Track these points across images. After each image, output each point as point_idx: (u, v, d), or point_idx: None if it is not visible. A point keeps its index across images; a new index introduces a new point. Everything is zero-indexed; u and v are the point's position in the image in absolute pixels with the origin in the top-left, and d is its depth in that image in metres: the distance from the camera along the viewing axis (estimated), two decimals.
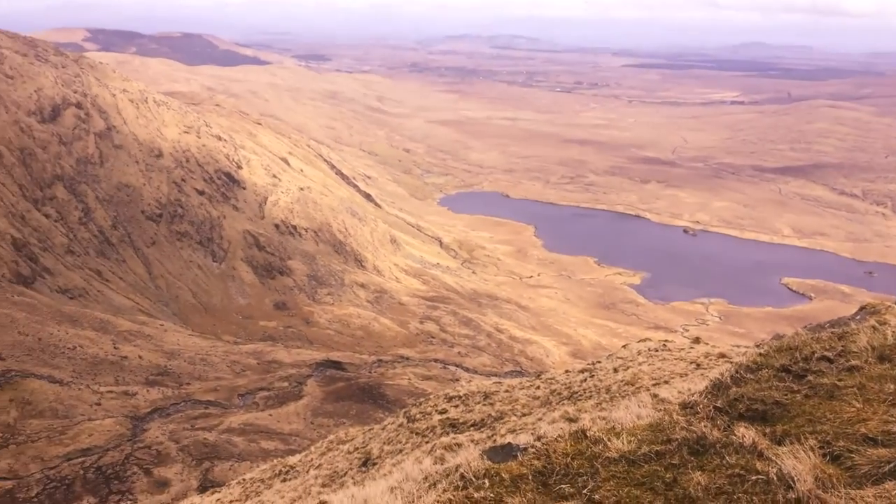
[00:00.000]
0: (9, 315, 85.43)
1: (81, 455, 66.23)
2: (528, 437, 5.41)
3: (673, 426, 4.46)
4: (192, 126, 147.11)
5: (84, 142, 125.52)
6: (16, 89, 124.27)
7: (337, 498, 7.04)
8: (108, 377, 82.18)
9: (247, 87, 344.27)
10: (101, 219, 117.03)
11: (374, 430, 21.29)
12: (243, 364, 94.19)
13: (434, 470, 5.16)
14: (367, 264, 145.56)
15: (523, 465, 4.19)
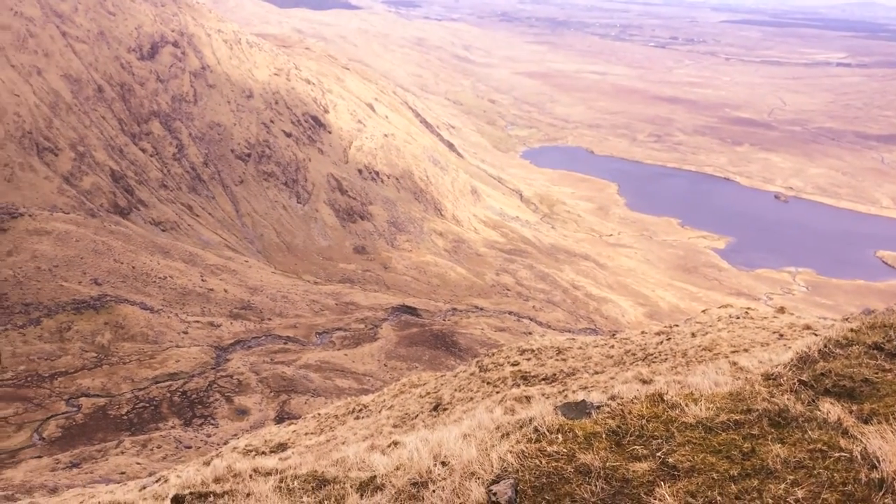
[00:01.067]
0: (106, 243, 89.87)
1: (168, 379, 69.91)
2: (601, 396, 5.40)
3: (754, 396, 4.37)
4: (282, 68, 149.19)
5: (180, 80, 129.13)
6: (117, 26, 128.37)
7: (409, 439, 7.21)
8: (195, 307, 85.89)
9: (336, 32, 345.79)
10: (193, 155, 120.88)
11: (446, 376, 21.65)
12: (322, 304, 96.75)
13: (506, 420, 5.23)
14: (447, 213, 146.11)
15: (597, 423, 4.20)
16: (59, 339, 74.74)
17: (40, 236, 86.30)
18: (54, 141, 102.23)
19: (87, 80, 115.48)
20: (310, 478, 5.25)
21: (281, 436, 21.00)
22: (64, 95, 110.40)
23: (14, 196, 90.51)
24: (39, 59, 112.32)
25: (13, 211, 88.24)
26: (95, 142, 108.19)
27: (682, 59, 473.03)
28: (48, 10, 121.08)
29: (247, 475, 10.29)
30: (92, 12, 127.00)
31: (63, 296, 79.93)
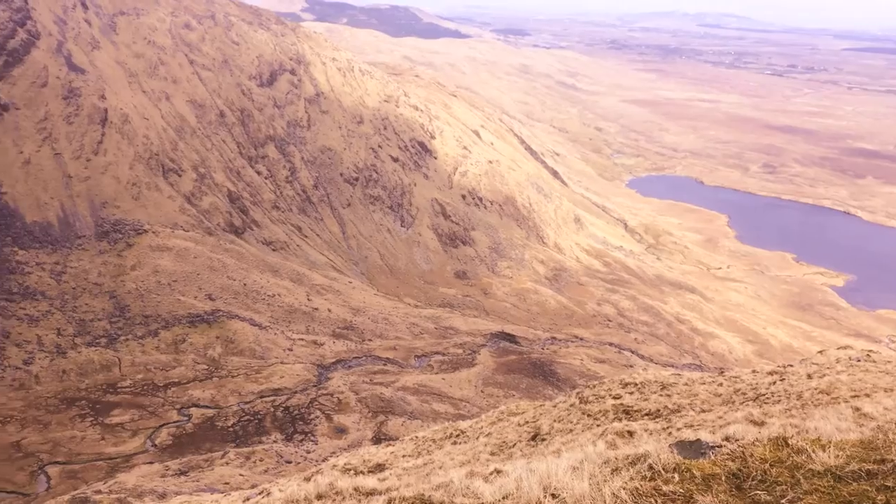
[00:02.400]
0: (221, 261, 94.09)
1: (273, 394, 72.09)
2: (712, 436, 5.18)
3: (889, 446, 4.07)
4: (392, 95, 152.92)
5: (295, 106, 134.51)
6: (240, 54, 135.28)
7: (511, 468, 7.12)
8: (300, 325, 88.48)
9: (445, 60, 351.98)
10: (304, 178, 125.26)
11: (545, 406, 21.35)
12: (421, 327, 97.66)
13: (613, 455, 5.09)
14: (549, 241, 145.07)
15: (716, 464, 4.02)
16: (174, 351, 78.54)
17: (162, 252, 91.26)
18: (178, 162, 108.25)
19: (210, 106, 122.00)
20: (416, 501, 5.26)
21: (379, 456, 21.21)
22: (189, 120, 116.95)
23: (140, 213, 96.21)
24: (168, 86, 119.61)
25: (139, 227, 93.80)
26: (215, 164, 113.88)
27: (800, 87, 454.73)
28: (178, 39, 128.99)
29: (348, 494, 10.42)
30: (218, 41, 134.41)
31: (180, 309, 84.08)
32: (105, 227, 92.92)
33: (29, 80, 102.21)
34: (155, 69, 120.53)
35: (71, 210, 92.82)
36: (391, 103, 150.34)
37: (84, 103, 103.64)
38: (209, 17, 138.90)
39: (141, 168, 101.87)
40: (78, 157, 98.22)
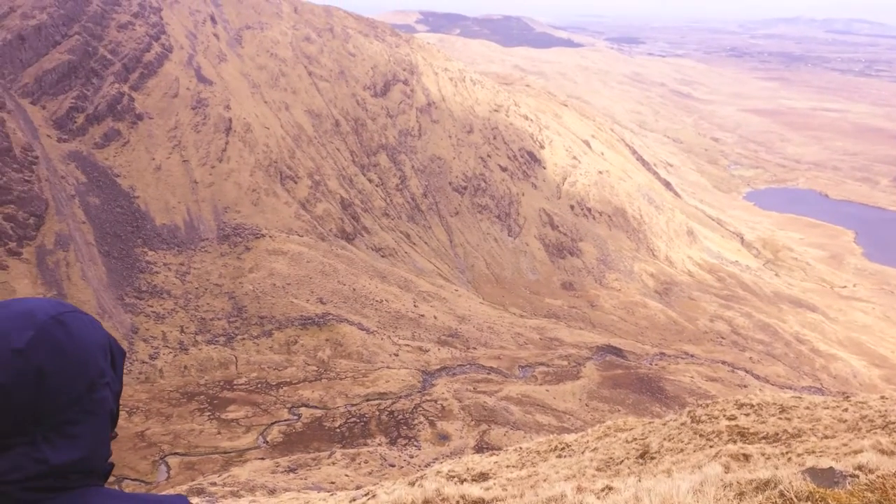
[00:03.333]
0: (332, 265, 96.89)
1: (378, 398, 73.45)
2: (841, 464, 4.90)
3: None
4: (502, 105, 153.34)
5: (407, 115, 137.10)
6: (356, 65, 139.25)
7: (623, 486, 6.98)
8: (406, 331, 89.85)
9: (557, 69, 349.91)
10: (414, 187, 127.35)
11: (655, 423, 20.77)
12: (526, 337, 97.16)
13: (735, 478, 4.90)
14: (659, 254, 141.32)
15: (853, 494, 3.79)
16: (286, 352, 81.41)
17: (277, 256, 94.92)
18: (295, 170, 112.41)
19: (326, 115, 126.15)
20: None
21: (483, 465, 21.22)
22: (306, 129, 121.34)
23: (258, 219, 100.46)
24: (288, 96, 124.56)
25: (257, 232, 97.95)
26: (329, 171, 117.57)
27: None
28: (298, 51, 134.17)
29: (454, 501, 10.47)
30: (335, 53, 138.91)
31: (293, 311, 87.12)
32: (226, 230, 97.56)
33: (162, 91, 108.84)
34: (276, 80, 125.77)
35: (196, 214, 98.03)
36: (501, 113, 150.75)
37: (211, 113, 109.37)
38: (328, 30, 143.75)
39: (260, 175, 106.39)
40: (204, 163, 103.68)
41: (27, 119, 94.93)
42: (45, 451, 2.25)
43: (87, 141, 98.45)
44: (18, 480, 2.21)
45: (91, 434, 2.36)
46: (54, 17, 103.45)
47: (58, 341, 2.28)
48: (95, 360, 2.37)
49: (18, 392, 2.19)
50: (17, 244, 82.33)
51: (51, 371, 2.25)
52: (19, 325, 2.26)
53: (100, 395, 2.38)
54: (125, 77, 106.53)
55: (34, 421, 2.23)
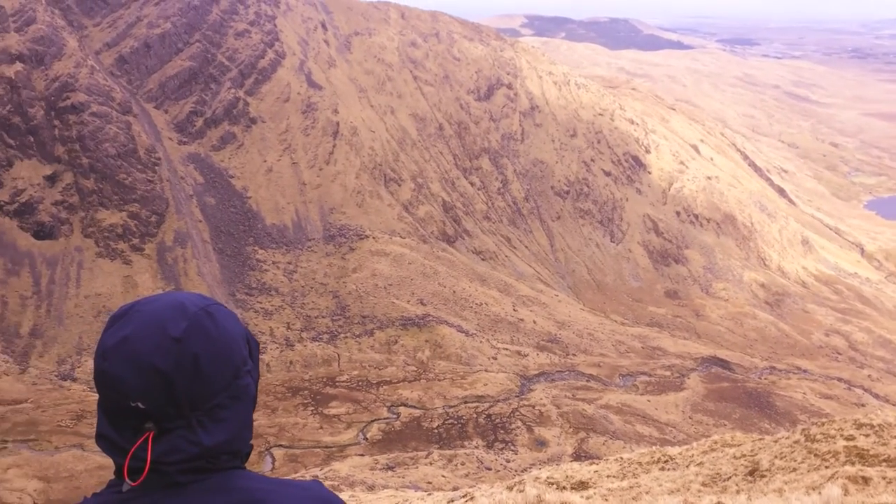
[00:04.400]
0: (433, 267, 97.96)
1: (476, 401, 73.71)
2: None
3: None
4: (607, 109, 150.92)
5: (510, 119, 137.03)
6: (460, 70, 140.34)
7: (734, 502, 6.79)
8: (505, 335, 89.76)
9: (665, 72, 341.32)
10: (515, 190, 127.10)
11: (765, 440, 19.93)
12: (627, 345, 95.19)
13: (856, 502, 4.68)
14: (771, 264, 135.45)
15: None
16: (387, 351, 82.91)
17: (380, 257, 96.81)
18: (399, 173, 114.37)
19: (430, 119, 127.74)
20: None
21: (582, 473, 20.95)
22: (410, 132, 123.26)
23: (363, 220, 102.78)
24: (393, 100, 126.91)
25: (361, 233, 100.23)
26: (432, 175, 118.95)
27: None
28: (405, 56, 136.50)
29: None
30: (440, 58, 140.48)
31: (394, 312, 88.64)
32: (332, 231, 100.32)
33: (274, 96, 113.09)
34: (382, 85, 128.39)
35: (304, 214, 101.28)
36: (606, 116, 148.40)
37: (319, 117, 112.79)
38: (433, 35, 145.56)
39: (365, 177, 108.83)
40: (312, 166, 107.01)
41: (151, 122, 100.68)
42: (200, 434, 2.39)
43: (205, 143, 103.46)
44: (176, 462, 2.36)
45: (237, 418, 2.51)
46: (177, 26, 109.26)
47: (208, 331, 2.42)
48: (239, 349, 2.52)
49: (178, 378, 2.33)
50: (139, 241, 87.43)
51: (204, 358, 2.38)
52: (174, 315, 2.40)
53: (244, 381, 2.53)
54: (241, 82, 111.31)
55: (191, 406, 2.37)
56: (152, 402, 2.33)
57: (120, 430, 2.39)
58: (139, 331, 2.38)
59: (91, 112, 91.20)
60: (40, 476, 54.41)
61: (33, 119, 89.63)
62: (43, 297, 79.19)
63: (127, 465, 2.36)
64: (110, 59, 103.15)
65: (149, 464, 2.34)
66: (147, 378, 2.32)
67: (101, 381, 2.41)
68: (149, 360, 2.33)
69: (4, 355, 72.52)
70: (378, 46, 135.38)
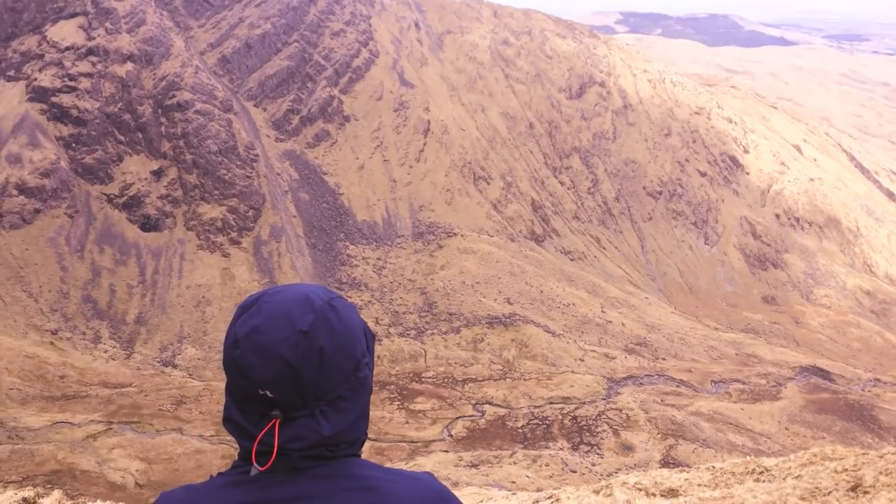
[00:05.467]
0: (520, 266, 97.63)
1: (562, 402, 73.05)
2: None
3: None
4: (704, 107, 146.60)
5: (602, 118, 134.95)
6: (552, 68, 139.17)
7: None
8: (592, 337, 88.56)
9: (766, 69, 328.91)
10: (606, 190, 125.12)
11: (870, 455, 18.97)
12: (720, 351, 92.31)
13: None
14: (878, 270, 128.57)
15: None
16: (473, 349, 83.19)
17: (468, 255, 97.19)
18: (488, 171, 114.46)
19: (521, 118, 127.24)
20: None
21: (672, 481, 20.48)
22: (500, 131, 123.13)
23: (451, 217, 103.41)
24: (484, 99, 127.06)
25: (449, 230, 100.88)
26: (522, 173, 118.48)
27: None
28: (496, 55, 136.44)
29: None
30: (532, 56, 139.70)
31: (480, 310, 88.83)
32: (420, 228, 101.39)
33: (368, 94, 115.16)
34: (473, 83, 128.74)
35: (393, 211, 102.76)
36: (702, 115, 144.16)
37: (411, 115, 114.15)
38: (526, 33, 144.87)
39: (455, 175, 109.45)
40: (402, 163, 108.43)
41: (250, 120, 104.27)
42: (322, 423, 2.48)
43: (301, 141, 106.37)
44: (300, 448, 2.47)
45: (355, 408, 2.60)
46: (277, 27, 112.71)
47: (332, 324, 2.51)
48: (360, 342, 2.61)
49: (305, 370, 2.43)
50: (237, 234, 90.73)
51: (329, 352, 2.47)
52: (301, 308, 2.50)
53: (363, 373, 2.62)
54: (336, 81, 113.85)
55: (315, 396, 2.47)
56: (280, 391, 2.42)
57: (247, 416, 2.50)
58: (268, 322, 2.47)
59: (195, 110, 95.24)
60: (142, 457, 57.26)
61: (142, 116, 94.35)
62: (148, 287, 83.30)
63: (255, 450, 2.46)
64: (213, 59, 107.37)
65: (276, 449, 2.44)
66: (276, 369, 2.41)
67: (231, 368, 2.51)
68: (278, 352, 2.41)
69: (112, 341, 76.69)
70: (470, 45, 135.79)
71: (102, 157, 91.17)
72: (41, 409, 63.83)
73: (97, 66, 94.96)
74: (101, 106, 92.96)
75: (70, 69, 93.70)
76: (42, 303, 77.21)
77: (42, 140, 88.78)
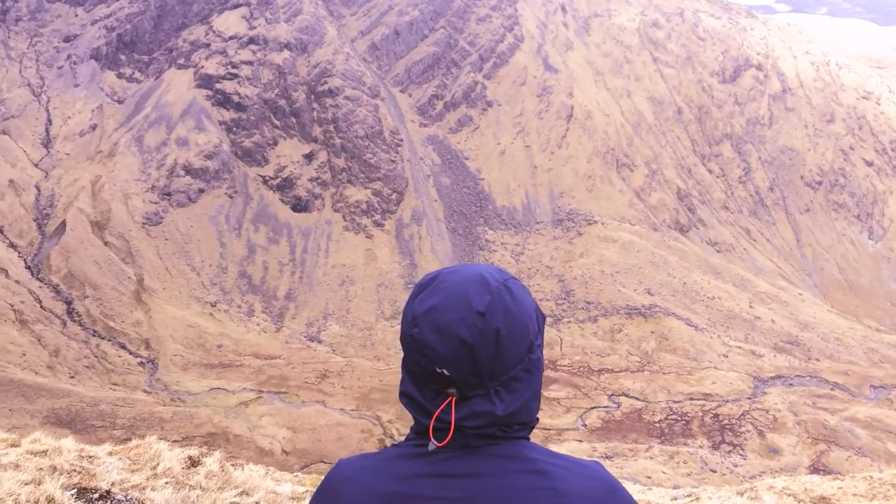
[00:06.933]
0: (663, 257, 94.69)
1: (703, 398, 70.50)
2: None
3: None
4: (873, 92, 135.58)
5: (757, 103, 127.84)
6: (704, 50, 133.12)
7: None
8: (738, 332, 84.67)
9: None
10: (759, 179, 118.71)
11: None
12: (882, 354, 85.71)
13: None
14: None
15: None
16: (610, 339, 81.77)
17: (608, 243, 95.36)
18: (632, 158, 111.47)
19: (668, 103, 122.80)
20: None
21: (824, 488, 19.36)
22: (646, 116, 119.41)
23: (592, 205, 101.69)
24: (630, 83, 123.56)
25: (590, 218, 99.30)
26: (667, 161, 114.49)
27: None
28: (644, 37, 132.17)
29: None
30: (683, 38, 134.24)
31: (619, 300, 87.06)
32: (560, 215, 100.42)
33: (511, 80, 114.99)
34: (620, 67, 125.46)
35: (533, 197, 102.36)
36: (870, 100, 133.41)
37: (554, 100, 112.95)
38: (677, 14, 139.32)
39: (597, 162, 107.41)
40: (544, 149, 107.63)
41: (396, 106, 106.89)
42: (496, 403, 2.52)
43: (444, 126, 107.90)
44: (474, 427, 2.52)
45: (528, 390, 2.61)
46: (424, 13, 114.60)
47: (507, 305, 2.53)
48: (533, 323, 2.62)
49: (481, 350, 2.46)
50: (381, 217, 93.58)
51: (504, 332, 2.49)
52: (477, 289, 2.53)
53: (535, 355, 2.62)
54: (480, 67, 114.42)
55: (490, 376, 2.50)
56: (456, 369, 2.47)
57: (423, 392, 2.58)
58: (445, 301, 2.53)
59: (345, 96, 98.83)
60: (288, 426, 60.62)
61: (296, 102, 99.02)
62: (297, 265, 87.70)
63: (433, 425, 2.54)
64: (363, 46, 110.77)
65: (453, 426, 2.50)
66: (453, 348, 2.46)
67: (409, 345, 2.59)
68: (455, 331, 2.46)
69: (264, 315, 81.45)
70: (617, 28, 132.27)
71: (259, 140, 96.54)
72: (200, 375, 68.93)
73: (257, 55, 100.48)
74: (259, 92, 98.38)
75: (233, 57, 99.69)
76: (203, 276, 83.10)
77: (207, 124, 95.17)
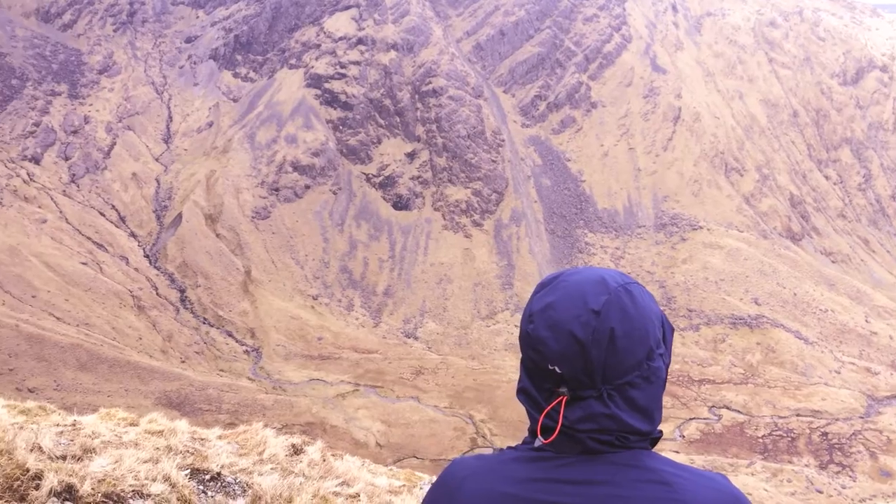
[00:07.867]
0: (772, 265, 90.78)
1: (811, 415, 67.24)
2: None
3: None
4: None
5: (881, 106, 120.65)
6: (824, 51, 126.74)
7: None
8: (852, 348, 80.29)
9: None
10: (880, 187, 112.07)
11: None
12: None
13: None
14: None
15: None
16: (712, 349, 79.13)
17: (713, 250, 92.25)
18: (742, 162, 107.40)
19: (783, 105, 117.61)
20: None
21: None
22: (759, 119, 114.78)
23: (697, 210, 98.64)
24: (743, 84, 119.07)
25: (694, 223, 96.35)
26: (780, 165, 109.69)
27: None
28: (760, 37, 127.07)
29: None
30: (801, 38, 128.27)
31: (723, 309, 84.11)
32: (663, 219, 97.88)
33: (617, 80, 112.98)
34: (732, 68, 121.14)
35: (636, 201, 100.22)
36: None
37: (661, 102, 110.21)
38: (796, 14, 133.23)
39: (704, 165, 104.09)
40: (648, 152, 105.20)
41: (499, 106, 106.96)
42: (610, 406, 2.48)
43: (546, 127, 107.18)
44: (589, 430, 2.48)
45: (646, 399, 2.55)
46: (530, 13, 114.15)
47: (625, 307, 2.51)
48: (654, 330, 2.56)
49: (593, 349, 2.44)
50: (480, 216, 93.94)
51: (620, 333, 2.46)
52: (595, 289, 2.54)
53: (656, 363, 2.56)
54: (585, 67, 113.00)
55: (603, 378, 2.47)
56: (568, 367, 2.47)
57: (538, 389, 2.59)
58: (562, 299, 2.55)
59: (448, 95, 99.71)
60: (383, 419, 61.77)
61: (400, 102, 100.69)
62: (396, 262, 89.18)
63: (541, 423, 2.54)
64: (468, 47, 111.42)
65: (560, 425, 2.48)
66: (565, 344, 2.47)
67: (525, 341, 2.60)
68: (567, 328, 2.47)
69: (363, 310, 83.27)
70: (731, 27, 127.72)
71: (364, 139, 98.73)
72: (300, 365, 71.20)
73: (364, 55, 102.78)
74: (365, 91, 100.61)
75: (342, 57, 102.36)
76: (307, 270, 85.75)
77: (315, 122, 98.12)
